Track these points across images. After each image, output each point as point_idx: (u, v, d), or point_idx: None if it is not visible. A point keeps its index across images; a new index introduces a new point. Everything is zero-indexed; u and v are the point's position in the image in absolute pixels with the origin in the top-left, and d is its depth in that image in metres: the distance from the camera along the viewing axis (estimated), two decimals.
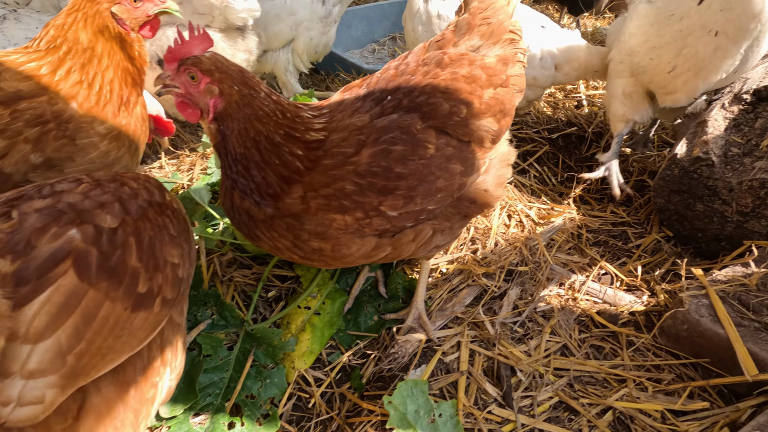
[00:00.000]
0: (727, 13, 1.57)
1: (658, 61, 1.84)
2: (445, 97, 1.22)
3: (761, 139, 1.72)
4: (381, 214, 1.15)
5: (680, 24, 1.70)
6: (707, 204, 1.79)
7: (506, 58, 1.35)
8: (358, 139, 1.15)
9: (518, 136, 2.71)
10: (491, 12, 1.37)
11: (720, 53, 1.67)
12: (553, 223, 2.00)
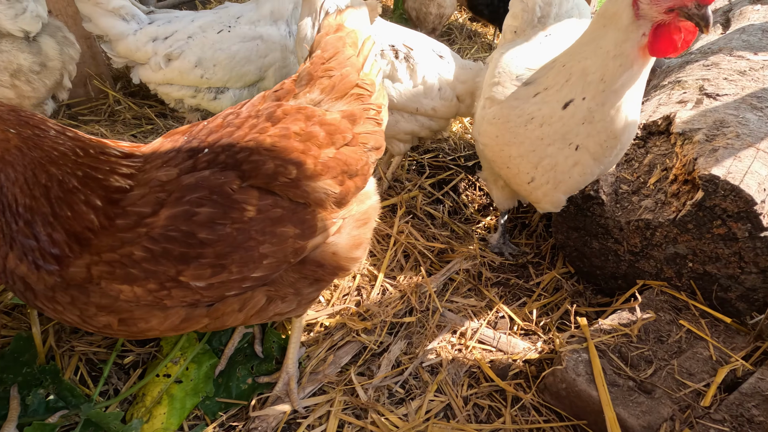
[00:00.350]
0: (588, 126, 1.38)
1: (516, 171, 1.60)
2: (271, 155, 1.08)
3: (649, 177, 1.68)
4: (182, 285, 1.00)
5: (540, 131, 1.47)
6: (602, 242, 1.74)
7: (353, 114, 1.23)
8: (158, 197, 1.00)
9: (434, 164, 2.63)
10: (335, 63, 1.25)
11: (579, 169, 1.47)
12: (452, 262, 1.90)
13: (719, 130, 1.56)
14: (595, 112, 1.34)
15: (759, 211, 1.31)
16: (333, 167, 1.15)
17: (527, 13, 1.76)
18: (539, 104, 1.45)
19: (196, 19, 2.41)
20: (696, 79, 1.98)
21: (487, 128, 1.65)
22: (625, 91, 1.30)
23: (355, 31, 1.33)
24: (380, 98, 1.33)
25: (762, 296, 1.41)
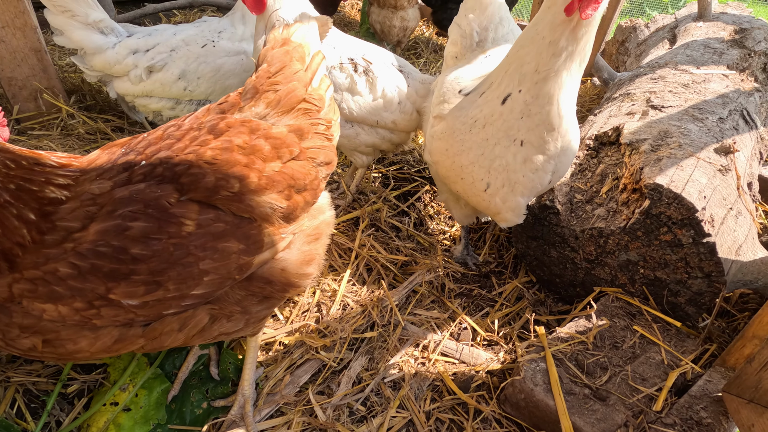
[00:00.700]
0: (527, 120, 1.38)
1: (471, 180, 1.58)
2: (212, 168, 1.05)
3: (601, 186, 1.73)
4: (113, 304, 0.95)
5: (484, 132, 1.47)
6: (559, 251, 1.77)
7: (301, 129, 1.21)
8: (88, 211, 0.95)
9: (399, 176, 2.64)
10: (281, 78, 1.23)
11: (530, 165, 1.46)
12: (415, 274, 1.89)
13: (663, 141, 1.62)
14: (531, 106, 1.35)
15: (700, 217, 1.36)
16: (279, 181, 1.12)
17: (465, 38, 1.81)
18: (481, 106, 1.47)
19: (179, 33, 2.39)
20: (644, 92, 2.07)
21: (437, 144, 1.65)
22: (558, 81, 1.31)
23: (303, 45, 1.31)
24: (330, 113, 1.31)
25: (708, 300, 1.46)
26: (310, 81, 1.27)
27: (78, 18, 2.28)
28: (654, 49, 2.98)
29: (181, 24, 2.53)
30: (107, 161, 1.06)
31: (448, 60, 1.92)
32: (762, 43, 2.58)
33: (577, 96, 1.42)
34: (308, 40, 1.33)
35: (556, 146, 1.41)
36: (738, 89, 2.11)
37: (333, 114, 1.33)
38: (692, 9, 3.31)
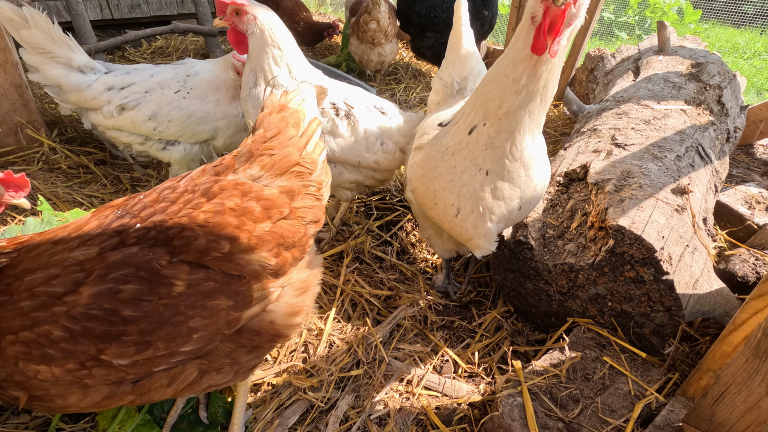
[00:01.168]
0: (491, 152, 1.45)
1: (443, 205, 1.64)
2: (204, 230, 1.11)
3: (571, 222, 1.84)
4: (104, 364, 0.99)
5: (453, 160, 1.54)
6: (534, 283, 1.87)
7: (292, 190, 1.28)
8: (75, 277, 1.00)
9: (382, 206, 2.72)
10: (277, 143, 1.30)
11: (499, 193, 1.52)
12: (398, 309, 1.96)
13: (626, 181, 1.75)
14: (494, 139, 1.43)
15: (659, 257, 1.47)
16: (268, 240, 1.18)
17: (447, 88, 1.93)
18: (452, 135, 1.57)
19: (156, 75, 2.44)
20: (609, 128, 2.21)
21: (414, 171, 1.75)
22: (521, 117, 1.38)
23: (300, 111, 1.39)
24: (322, 176, 1.39)
25: (670, 331, 1.57)
26: (305, 146, 1.35)
27: (58, 60, 2.31)
28: (620, 80, 3.16)
29: (160, 65, 2.58)
30: (97, 226, 1.11)
31: (431, 106, 2.04)
32: (716, 77, 2.77)
33: (542, 127, 1.50)
34: (305, 106, 1.41)
35: (520, 176, 1.50)
36: (694, 125, 2.27)
37: (325, 176, 1.41)
38: (654, 40, 3.53)
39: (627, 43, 8.22)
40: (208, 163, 1.32)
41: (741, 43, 8.00)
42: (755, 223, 2.42)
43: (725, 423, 1.21)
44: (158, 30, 4.43)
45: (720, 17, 9.32)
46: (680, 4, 8.75)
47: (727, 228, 2.45)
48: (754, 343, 1.07)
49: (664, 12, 8.62)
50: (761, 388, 1.06)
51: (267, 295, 1.19)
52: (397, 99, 4.19)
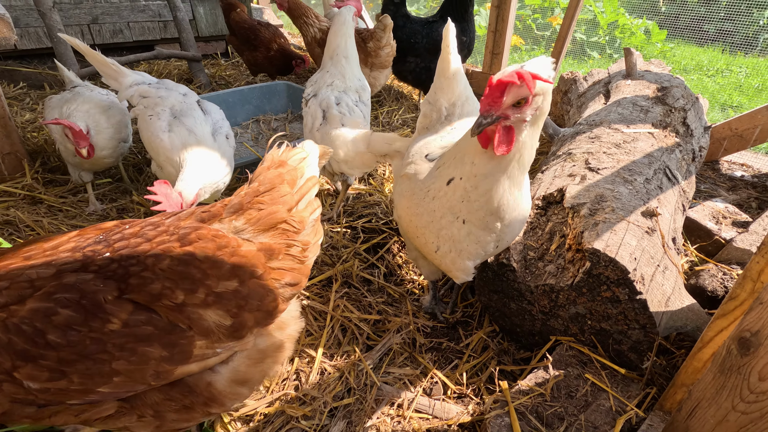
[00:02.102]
0: (467, 204, 1.50)
1: (424, 240, 1.73)
2: (164, 275, 1.10)
3: (550, 244, 1.92)
4: (15, 382, 0.98)
5: (434, 204, 1.60)
6: (518, 303, 1.94)
7: (272, 249, 1.25)
8: (21, 293, 1.01)
9: (368, 228, 2.77)
10: (268, 198, 1.29)
11: (473, 238, 1.59)
12: (388, 334, 2.00)
13: (599, 205, 1.85)
14: (470, 193, 1.49)
15: (632, 278, 1.56)
16: (229, 300, 1.14)
17: (435, 112, 2.01)
18: (434, 179, 1.63)
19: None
20: (583, 152, 2.33)
21: (400, 200, 1.83)
22: (497, 176, 1.43)
23: (298, 169, 1.39)
24: (310, 236, 1.35)
25: (646, 347, 1.65)
26: (296, 203, 1.34)
27: None
28: (592, 103, 3.32)
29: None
30: (73, 247, 1.13)
31: (419, 129, 2.12)
32: (680, 100, 2.95)
33: (525, 174, 1.57)
34: (304, 164, 1.41)
35: (496, 227, 1.56)
36: (661, 147, 2.41)
37: (313, 236, 1.37)
38: (623, 64, 3.72)
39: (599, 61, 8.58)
40: (199, 207, 1.34)
41: (704, 61, 8.43)
42: (722, 237, 2.56)
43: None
44: (141, 56, 4.46)
45: (684, 36, 9.82)
46: (647, 24, 9.21)
47: (697, 243, 2.58)
48: (720, 360, 1.15)
49: (632, 32, 9.04)
50: (728, 403, 1.14)
51: (210, 356, 1.15)
52: (380, 122, 4.29)
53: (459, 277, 1.79)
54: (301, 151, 1.44)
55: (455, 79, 1.97)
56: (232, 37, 4.76)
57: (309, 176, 1.41)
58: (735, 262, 2.22)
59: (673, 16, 9.83)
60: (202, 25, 5.94)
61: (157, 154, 2.31)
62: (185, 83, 4.95)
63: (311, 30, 4.19)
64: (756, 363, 1.05)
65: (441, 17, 4.13)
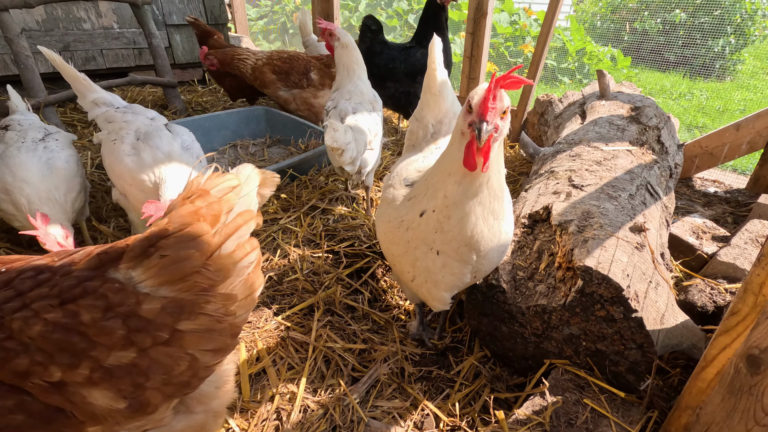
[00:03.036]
0: (441, 235, 1.46)
1: (401, 268, 1.68)
2: (34, 346, 0.86)
3: (539, 263, 1.87)
4: None
5: (408, 234, 1.55)
6: (509, 326, 1.86)
7: (182, 306, 0.97)
8: None
9: (351, 253, 2.68)
10: (174, 241, 0.99)
11: (449, 270, 1.54)
12: (374, 365, 1.88)
13: (587, 221, 1.82)
14: (443, 224, 1.44)
15: (627, 295, 1.51)
16: (121, 377, 0.91)
17: (422, 129, 1.98)
18: (408, 209, 1.58)
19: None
20: (565, 170, 2.32)
21: (379, 225, 1.78)
22: (468, 204, 1.38)
23: (224, 201, 1.08)
24: (238, 288, 1.06)
25: (644, 368, 1.59)
26: (219, 246, 1.04)
27: None
28: (569, 123, 3.38)
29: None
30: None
31: (406, 147, 2.10)
32: (653, 119, 3.02)
33: (502, 203, 1.49)
34: (233, 195, 1.10)
35: (471, 259, 1.51)
36: (641, 164, 2.43)
37: (244, 288, 1.07)
38: (595, 86, 3.83)
39: (569, 86, 8.92)
40: (99, 246, 1.08)
41: (668, 86, 8.85)
42: (705, 252, 2.57)
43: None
44: (114, 82, 4.35)
45: (647, 63, 10.36)
46: (612, 52, 9.67)
47: (680, 258, 2.58)
48: (728, 380, 1.09)
49: (599, 59, 9.47)
50: (741, 427, 1.07)
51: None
52: None
53: (436, 306, 1.73)
54: (231, 178, 1.13)
55: (441, 94, 1.95)
56: None
57: (240, 210, 1.10)
58: (721, 276, 2.21)
59: (636, 44, 10.38)
60: (178, 52, 5.90)
61: (122, 179, 2.18)
62: (160, 109, 4.84)
63: (249, 62, 4.16)
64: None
65: (417, 43, 4.19)
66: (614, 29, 11.63)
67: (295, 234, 2.82)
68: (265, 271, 2.51)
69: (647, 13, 10.93)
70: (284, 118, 4.13)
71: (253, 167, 1.22)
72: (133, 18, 5.37)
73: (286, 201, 3.15)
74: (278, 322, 2.02)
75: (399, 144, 4.37)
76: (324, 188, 3.31)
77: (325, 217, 3.00)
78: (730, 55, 10.61)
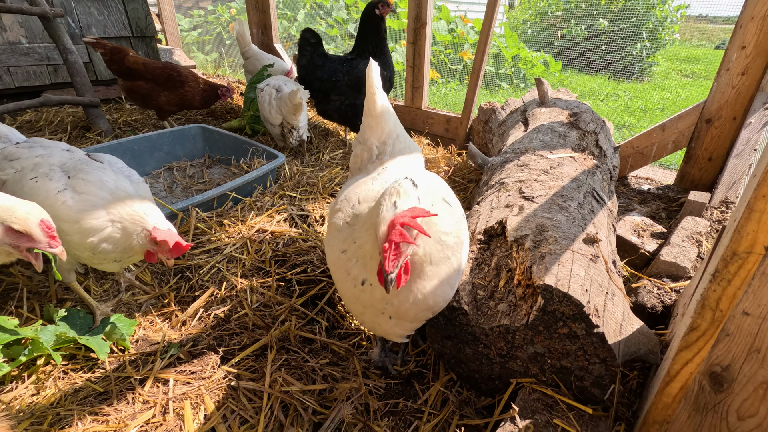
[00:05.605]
0: (392, 307, 1.45)
1: (349, 307, 1.66)
2: None
3: (498, 279, 1.83)
4: None
5: (356, 291, 1.49)
6: (473, 348, 1.80)
7: None
8: None
9: (304, 280, 2.53)
10: None
11: (400, 327, 1.54)
12: (336, 406, 1.75)
13: (542, 235, 1.81)
14: (392, 299, 1.42)
15: (587, 311, 1.50)
16: None
17: (366, 152, 1.89)
18: (349, 263, 1.50)
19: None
20: (515, 181, 2.33)
21: (329, 254, 1.69)
22: (413, 285, 1.39)
23: None
24: None
25: (608, 381, 1.59)
26: None
27: None
28: (513, 130, 3.44)
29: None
30: None
31: (352, 170, 2.00)
32: (591, 123, 3.14)
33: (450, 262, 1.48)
34: None
35: (427, 315, 1.50)
36: (584, 170, 2.50)
37: None
38: (534, 93, 3.95)
39: (508, 90, 9.27)
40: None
41: (596, 87, 9.46)
42: (647, 250, 2.69)
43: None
44: (24, 104, 3.89)
45: (576, 66, 11.04)
46: (545, 57, 10.19)
47: (625, 258, 2.68)
48: (693, 398, 1.09)
49: (533, 64, 9.94)
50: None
51: None
52: (308, 161, 4.11)
53: (392, 339, 1.70)
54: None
55: (383, 117, 1.88)
56: (135, 83, 4.31)
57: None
58: (665, 275, 2.30)
59: (565, 50, 11.04)
60: (101, 67, 5.42)
61: (60, 221, 1.87)
62: (81, 131, 4.40)
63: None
64: (732, 400, 0.99)
65: (358, 54, 4.12)
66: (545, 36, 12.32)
67: (242, 263, 2.62)
68: (209, 307, 2.30)
69: (573, 21, 11.67)
70: (223, 136, 3.89)
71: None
72: (45, 32, 4.88)
73: (231, 226, 2.93)
74: (226, 370, 1.83)
75: (347, 157, 4.27)
76: (271, 209, 3.13)
77: (274, 241, 2.83)
78: (646, 58, 11.58)
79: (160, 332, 2.13)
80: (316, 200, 3.43)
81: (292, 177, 3.66)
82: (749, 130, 3.11)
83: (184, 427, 1.54)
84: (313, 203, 3.37)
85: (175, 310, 2.31)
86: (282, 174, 3.70)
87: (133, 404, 1.63)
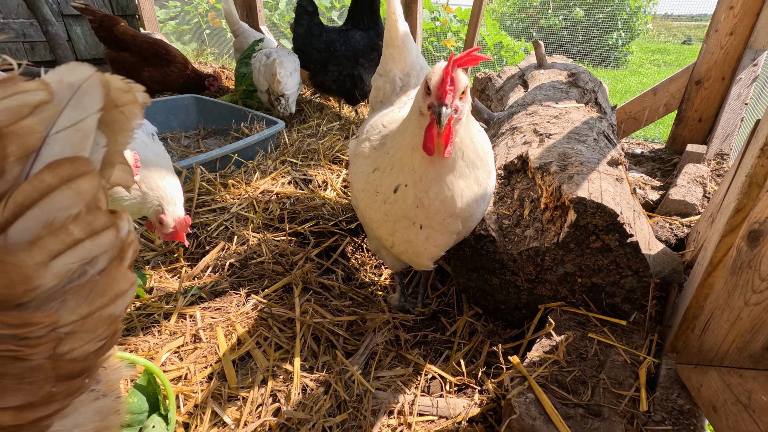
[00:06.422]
0: (422, 210, 1.38)
1: (379, 234, 1.60)
2: None
3: (522, 209, 1.84)
4: None
5: (386, 207, 1.45)
6: (500, 277, 1.80)
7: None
8: None
9: (316, 232, 2.48)
10: None
11: (432, 242, 1.46)
12: (367, 335, 1.72)
13: (566, 161, 1.82)
14: (423, 199, 1.37)
15: (621, 221, 1.52)
16: None
17: (389, 84, 1.86)
18: (379, 180, 1.47)
19: None
20: (528, 125, 2.35)
21: (356, 183, 1.64)
22: (449, 181, 1.33)
23: (12, 137, 0.52)
24: (56, 302, 0.57)
25: (640, 295, 1.61)
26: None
27: None
28: (512, 93, 3.47)
29: None
30: None
31: (373, 105, 1.95)
32: (589, 83, 3.20)
33: (480, 172, 1.43)
34: (33, 123, 0.53)
35: (458, 226, 1.44)
36: (592, 117, 2.54)
37: (77, 303, 0.59)
38: (531, 59, 4.01)
39: None
40: None
41: None
42: (651, 200, 2.76)
43: (713, 347, 1.23)
44: None
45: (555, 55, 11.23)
46: (525, 45, 10.36)
47: None
48: (730, 263, 1.11)
49: (515, 51, 10.09)
50: (740, 301, 1.09)
51: None
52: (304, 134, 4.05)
53: (420, 267, 1.66)
54: (32, 88, 0.56)
55: (405, 46, 1.85)
56: (120, 53, 4.18)
57: (56, 158, 0.55)
58: (674, 213, 2.36)
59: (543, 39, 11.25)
60: (80, 46, 5.21)
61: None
62: None
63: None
64: (766, 251, 1.01)
65: (353, 25, 4.09)
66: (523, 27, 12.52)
67: (250, 220, 2.55)
68: (221, 259, 2.23)
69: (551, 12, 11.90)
70: (218, 106, 3.79)
71: (91, 68, 0.61)
72: (20, 7, 4.66)
73: (235, 187, 2.85)
74: (257, 300, 1.77)
75: (344, 129, 4.23)
76: (274, 173, 3.07)
77: (280, 201, 2.77)
78: (622, 48, 11.92)
79: (174, 283, 2.05)
80: (318, 166, 3.38)
81: (292, 144, 3.60)
82: (740, 85, 3.23)
83: (219, 351, 1.48)
84: (315, 169, 3.32)
85: (185, 266, 2.23)
86: (282, 142, 3.63)
87: (160, 336, 1.56)
